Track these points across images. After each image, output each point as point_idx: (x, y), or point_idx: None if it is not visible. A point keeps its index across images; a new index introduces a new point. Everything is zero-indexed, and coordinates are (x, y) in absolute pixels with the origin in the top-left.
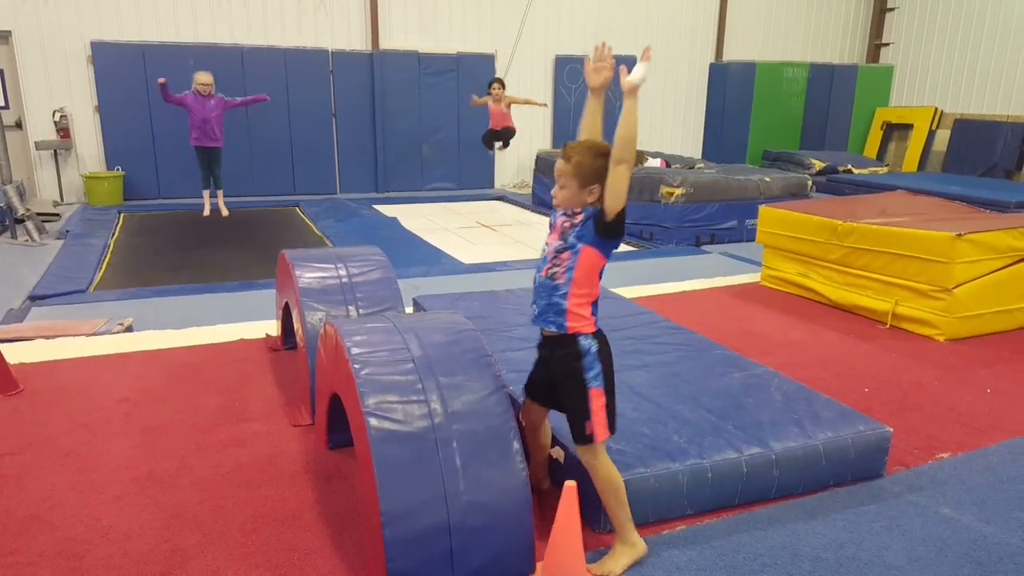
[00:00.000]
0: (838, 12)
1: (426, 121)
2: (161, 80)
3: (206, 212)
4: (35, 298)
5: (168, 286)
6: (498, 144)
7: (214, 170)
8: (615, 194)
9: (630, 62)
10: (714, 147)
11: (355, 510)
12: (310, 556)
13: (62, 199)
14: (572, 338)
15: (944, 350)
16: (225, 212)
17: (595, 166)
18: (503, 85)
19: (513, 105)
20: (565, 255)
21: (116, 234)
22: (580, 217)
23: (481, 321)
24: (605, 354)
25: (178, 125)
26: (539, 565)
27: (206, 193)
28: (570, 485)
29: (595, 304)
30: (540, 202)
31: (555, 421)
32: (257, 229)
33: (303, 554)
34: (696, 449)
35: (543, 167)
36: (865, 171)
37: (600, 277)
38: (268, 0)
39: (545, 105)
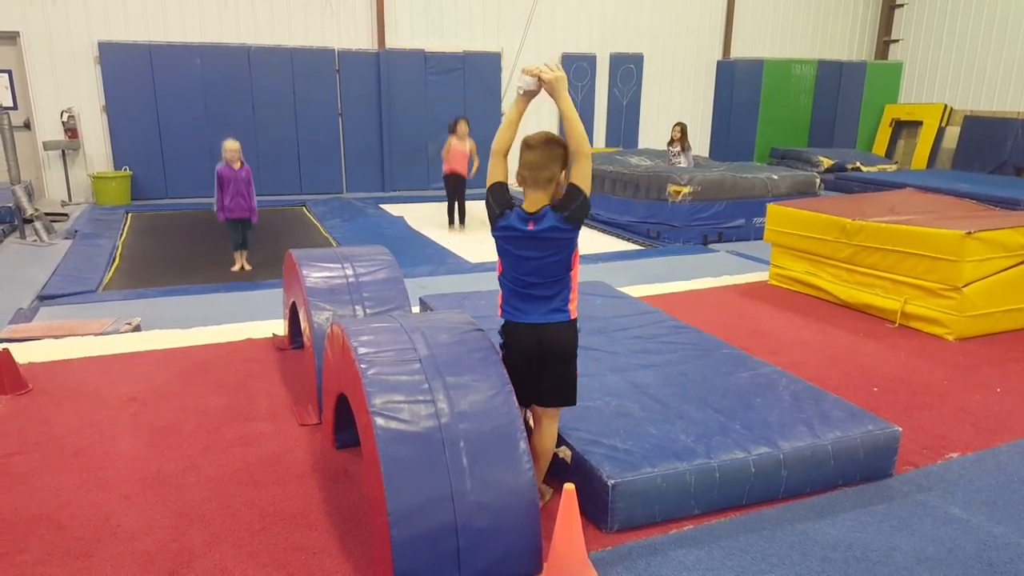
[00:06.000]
0: (846, 8)
1: (432, 120)
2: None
3: (236, 267)
4: (44, 298)
5: (175, 286)
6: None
7: (246, 236)
8: None
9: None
10: (722, 145)
11: (362, 510)
12: (317, 555)
13: (70, 199)
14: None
15: (953, 349)
16: (248, 267)
17: None
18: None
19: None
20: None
21: (124, 234)
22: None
23: (488, 320)
24: None
25: (185, 125)
26: (546, 566)
27: (237, 254)
28: (569, 488)
29: None
30: None
31: (563, 421)
32: (264, 229)
33: (310, 553)
34: (704, 449)
35: None
36: (874, 169)
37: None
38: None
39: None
